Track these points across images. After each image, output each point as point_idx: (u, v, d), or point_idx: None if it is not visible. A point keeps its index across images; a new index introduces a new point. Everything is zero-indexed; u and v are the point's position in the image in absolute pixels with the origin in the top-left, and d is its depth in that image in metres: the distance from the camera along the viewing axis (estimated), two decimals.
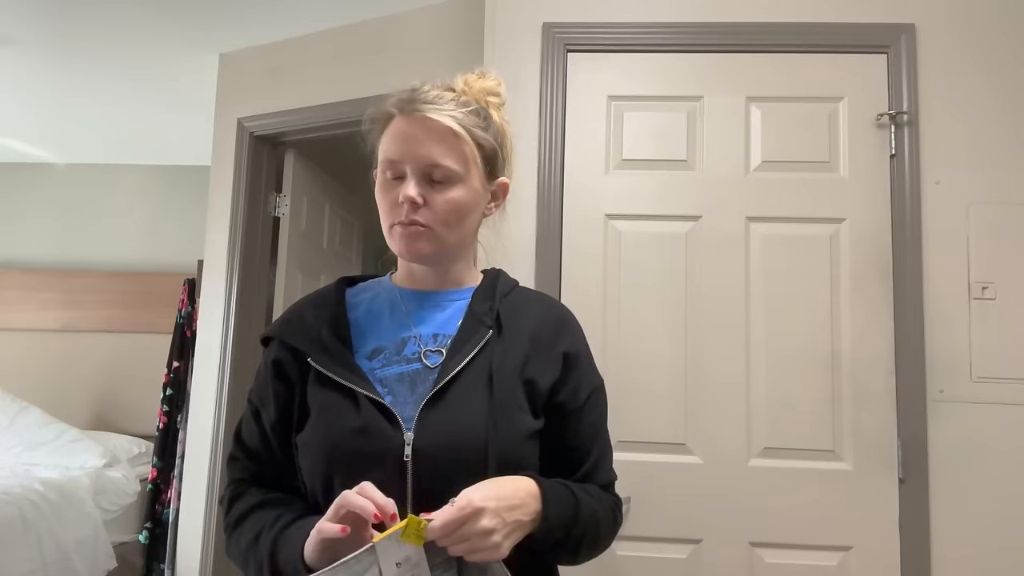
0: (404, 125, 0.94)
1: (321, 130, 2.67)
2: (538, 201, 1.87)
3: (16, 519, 2.76)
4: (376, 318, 1.00)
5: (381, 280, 1.06)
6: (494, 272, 1.06)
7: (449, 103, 0.95)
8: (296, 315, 1.01)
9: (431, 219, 0.93)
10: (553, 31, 1.92)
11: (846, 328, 1.78)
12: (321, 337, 0.95)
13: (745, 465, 1.76)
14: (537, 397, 0.94)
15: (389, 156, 0.94)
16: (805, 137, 1.85)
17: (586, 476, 0.99)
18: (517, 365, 0.94)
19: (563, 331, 1.00)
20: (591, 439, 1.00)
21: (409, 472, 0.87)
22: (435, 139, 0.93)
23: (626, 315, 1.83)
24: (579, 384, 0.99)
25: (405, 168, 0.93)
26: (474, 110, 0.97)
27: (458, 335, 0.95)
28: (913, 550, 1.70)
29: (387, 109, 0.97)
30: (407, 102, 0.95)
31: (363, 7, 2.50)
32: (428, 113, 0.93)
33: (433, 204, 0.93)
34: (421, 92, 0.96)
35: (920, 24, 1.84)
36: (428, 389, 0.91)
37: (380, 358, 0.95)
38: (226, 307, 2.72)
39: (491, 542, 0.80)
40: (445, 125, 0.93)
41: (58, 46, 2.89)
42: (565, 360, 0.98)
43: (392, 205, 0.94)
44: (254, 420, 1.00)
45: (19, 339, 4.29)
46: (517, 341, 0.95)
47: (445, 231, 0.95)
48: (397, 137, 0.94)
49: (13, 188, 4.51)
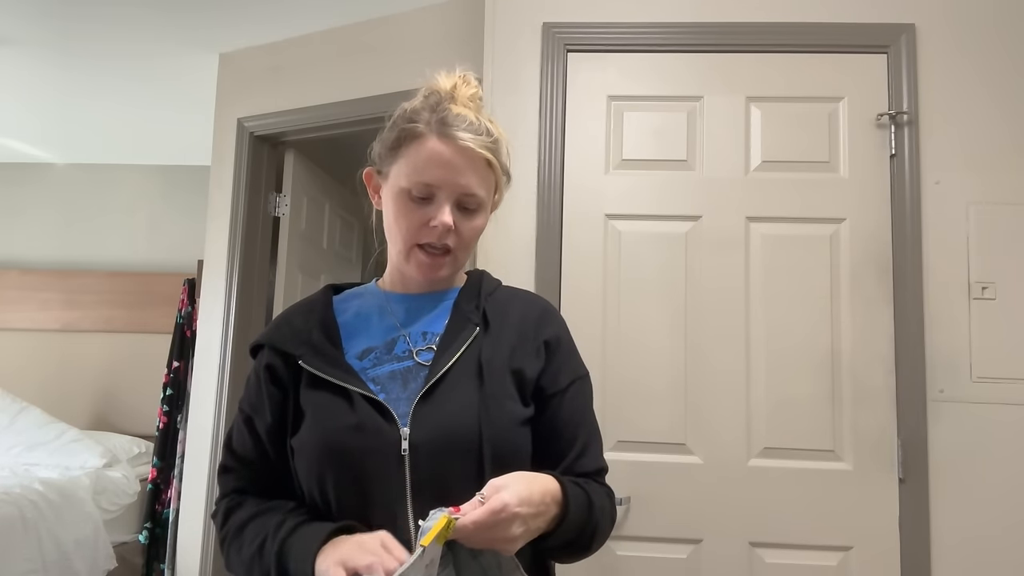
0: (444, 150, 0.94)
1: (321, 130, 2.67)
2: (538, 201, 1.87)
3: (16, 519, 2.76)
4: (365, 320, 1.01)
5: (367, 286, 1.08)
6: (478, 273, 1.08)
7: (479, 132, 0.96)
8: (284, 321, 1.02)
9: (457, 244, 0.97)
10: (553, 31, 1.92)
11: (846, 328, 1.78)
12: (312, 340, 0.97)
13: (745, 465, 1.76)
14: (526, 385, 0.96)
15: (425, 179, 0.94)
16: (805, 137, 1.85)
17: (574, 463, 0.99)
18: (505, 357, 0.96)
19: (544, 321, 1.03)
20: (576, 425, 1.00)
21: (407, 466, 0.89)
22: (472, 168, 0.95)
23: (626, 315, 1.83)
24: (559, 370, 1.00)
25: (440, 193, 0.94)
26: (494, 139, 0.98)
27: (446, 332, 0.97)
28: (913, 550, 1.70)
29: (417, 127, 0.95)
30: (441, 124, 0.94)
31: (363, 7, 2.50)
32: (468, 143, 0.94)
33: (461, 230, 0.96)
34: (449, 113, 0.95)
35: (920, 24, 1.84)
36: (421, 385, 0.92)
37: (371, 357, 0.97)
38: (226, 307, 2.72)
39: (512, 544, 0.81)
40: (484, 156, 0.95)
41: (58, 46, 2.89)
42: (547, 347, 1.00)
43: (418, 226, 0.95)
44: (247, 428, 0.99)
45: (19, 339, 4.29)
46: (503, 335, 0.98)
47: (463, 254, 0.99)
48: (435, 160, 0.94)
49: (13, 188, 4.51)
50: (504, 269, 1.74)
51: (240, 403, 1.03)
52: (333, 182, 3.20)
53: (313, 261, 3.02)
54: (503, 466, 0.88)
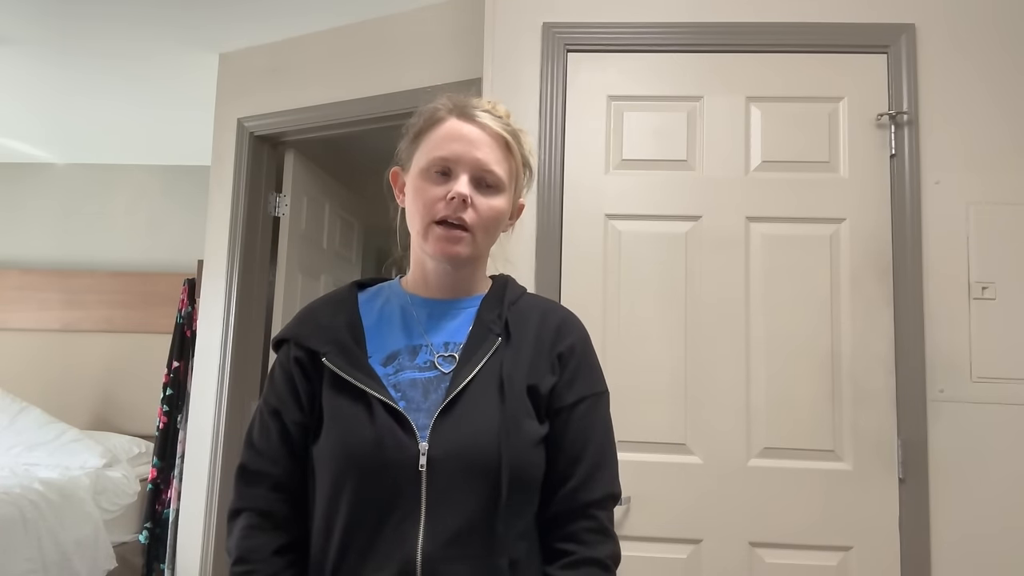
0: (462, 126, 0.96)
1: (321, 130, 2.67)
2: (538, 201, 1.86)
3: (16, 519, 2.76)
4: (388, 324, 1.00)
5: (390, 284, 1.06)
6: (503, 279, 1.06)
7: (501, 118, 0.98)
8: (310, 317, 1.01)
9: (474, 221, 0.95)
10: (553, 31, 1.92)
11: (846, 328, 1.78)
12: (339, 339, 0.95)
13: (745, 465, 1.76)
14: (540, 401, 0.94)
15: (442, 153, 0.95)
16: (805, 137, 1.85)
17: (578, 490, 0.94)
18: (523, 371, 0.94)
19: (562, 334, 1.00)
20: (581, 446, 0.95)
21: (424, 481, 0.88)
22: (491, 144, 0.96)
23: (626, 315, 1.83)
24: (571, 382, 0.97)
25: (457, 167, 0.95)
26: (517, 130, 1.00)
27: (468, 343, 0.95)
28: (913, 550, 1.70)
29: (438, 112, 0.98)
30: (463, 107, 0.97)
31: (363, 7, 2.50)
32: (486, 120, 0.96)
33: (479, 207, 0.95)
34: (471, 102, 0.98)
35: (920, 24, 1.84)
36: (441, 397, 0.91)
37: (394, 364, 0.96)
38: (226, 307, 2.72)
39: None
40: (501, 134, 0.97)
41: (58, 46, 2.89)
42: (560, 360, 0.97)
43: (435, 201, 0.95)
44: (273, 422, 0.96)
45: (19, 339, 4.29)
46: (523, 347, 0.96)
47: (483, 236, 0.97)
48: (453, 136, 0.96)
49: (13, 188, 4.51)
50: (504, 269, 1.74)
51: (264, 398, 0.99)
52: (333, 182, 3.20)
53: (313, 261, 3.02)
54: (520, 488, 0.88)
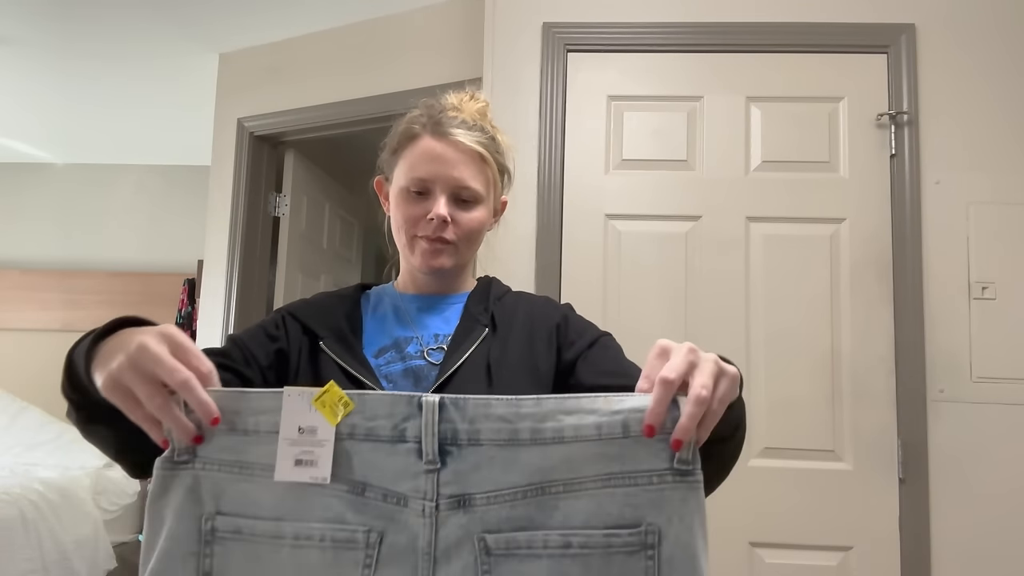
0: (436, 145, 0.98)
1: (321, 130, 2.67)
2: (538, 201, 1.87)
3: (16, 519, 2.76)
4: (381, 320, 1.05)
5: (385, 287, 1.12)
6: (487, 279, 1.11)
7: (473, 130, 1.00)
8: (315, 301, 1.05)
9: (457, 235, 0.99)
10: (553, 31, 1.92)
11: (846, 328, 1.78)
12: (338, 327, 0.99)
13: (745, 465, 1.76)
14: (543, 379, 0.96)
15: (419, 175, 0.98)
16: (805, 137, 1.85)
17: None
18: (515, 358, 0.97)
19: (548, 311, 1.04)
20: (627, 364, 0.95)
21: None
22: (465, 162, 0.98)
23: (626, 315, 1.83)
24: (580, 334, 1.00)
25: (434, 186, 0.98)
26: (490, 137, 1.02)
27: (456, 334, 0.99)
28: (913, 550, 1.70)
29: (413, 128, 1.00)
30: (436, 124, 0.99)
31: (363, 7, 2.50)
32: (459, 137, 0.98)
33: (459, 222, 0.99)
34: (445, 115, 1.00)
35: (920, 24, 1.84)
36: (431, 384, 0.94)
37: (386, 356, 0.99)
38: (226, 307, 2.72)
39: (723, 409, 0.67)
40: (475, 150, 0.99)
41: (58, 46, 2.89)
42: (557, 330, 1.00)
43: (417, 219, 0.98)
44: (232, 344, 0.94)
45: (19, 339, 4.28)
46: (511, 336, 0.99)
47: (466, 247, 1.01)
48: (428, 156, 0.98)
49: (13, 188, 4.51)
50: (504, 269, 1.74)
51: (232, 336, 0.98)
52: (333, 182, 3.20)
53: (313, 261, 3.02)
54: None
